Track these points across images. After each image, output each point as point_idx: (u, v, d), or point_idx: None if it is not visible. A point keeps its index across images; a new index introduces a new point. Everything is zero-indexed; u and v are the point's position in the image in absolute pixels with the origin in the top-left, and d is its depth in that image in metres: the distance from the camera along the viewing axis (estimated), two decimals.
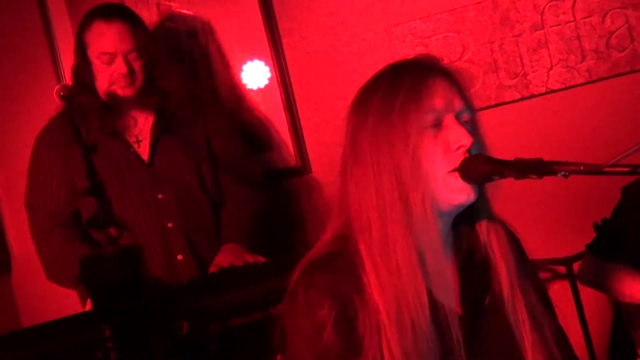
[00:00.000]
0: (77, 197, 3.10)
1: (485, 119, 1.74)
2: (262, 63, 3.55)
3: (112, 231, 2.58)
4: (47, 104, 3.32)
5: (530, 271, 1.76)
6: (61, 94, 2.75)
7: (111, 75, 3.04)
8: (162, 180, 3.11)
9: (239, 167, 3.24)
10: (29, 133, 3.30)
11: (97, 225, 2.58)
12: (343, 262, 1.63)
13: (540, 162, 1.58)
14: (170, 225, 3.09)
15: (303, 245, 3.44)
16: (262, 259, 2.87)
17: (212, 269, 2.91)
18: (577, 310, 3.08)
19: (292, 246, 3.52)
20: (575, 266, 3.09)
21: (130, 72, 3.04)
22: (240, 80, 3.58)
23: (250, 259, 2.86)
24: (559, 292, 3.10)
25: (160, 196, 3.10)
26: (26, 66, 3.77)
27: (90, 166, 2.74)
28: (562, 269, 3.13)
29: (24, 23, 3.77)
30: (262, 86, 3.56)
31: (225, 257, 2.92)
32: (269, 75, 3.55)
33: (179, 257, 3.08)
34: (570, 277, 3.08)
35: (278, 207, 3.57)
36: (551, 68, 3.27)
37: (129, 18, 3.09)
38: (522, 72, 3.30)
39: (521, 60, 3.29)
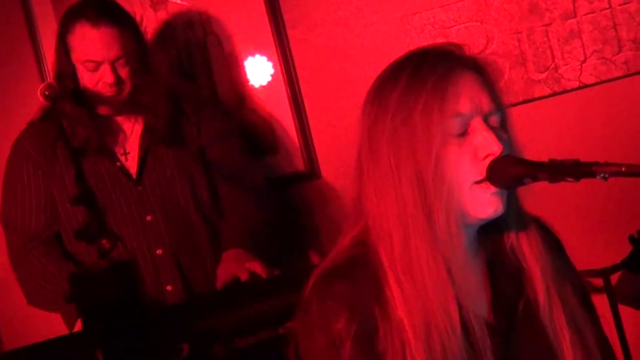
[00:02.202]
0: (57, 218, 3.08)
1: (512, 117, 1.73)
2: (264, 58, 3.56)
3: (105, 243, 2.57)
4: (31, 105, 3.33)
5: (570, 271, 1.76)
6: (46, 93, 2.76)
7: (96, 84, 3.01)
8: (152, 199, 3.07)
9: (239, 174, 3.20)
10: (10, 137, 3.31)
11: (87, 237, 2.58)
12: (363, 269, 1.63)
13: (577, 163, 1.57)
14: (159, 252, 3.05)
15: (315, 257, 3.47)
16: (264, 267, 2.85)
17: (219, 285, 2.86)
18: (616, 327, 3.07)
19: (302, 258, 3.52)
20: (614, 278, 3.10)
21: (118, 81, 3.01)
22: (241, 77, 3.59)
23: (256, 266, 2.83)
24: (596, 307, 3.09)
25: (149, 218, 3.06)
26: (7, 65, 3.78)
27: (79, 171, 2.73)
28: (598, 282, 3.13)
29: (5, 18, 3.78)
30: (264, 83, 3.56)
31: (227, 268, 2.88)
32: (272, 71, 3.55)
33: (168, 288, 3.05)
34: (608, 290, 3.08)
35: (285, 216, 3.56)
36: (585, 60, 3.27)
37: (117, 20, 3.03)
38: (553, 65, 3.30)
39: (551, 52, 3.29)
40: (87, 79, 3.02)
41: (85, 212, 2.78)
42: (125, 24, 3.06)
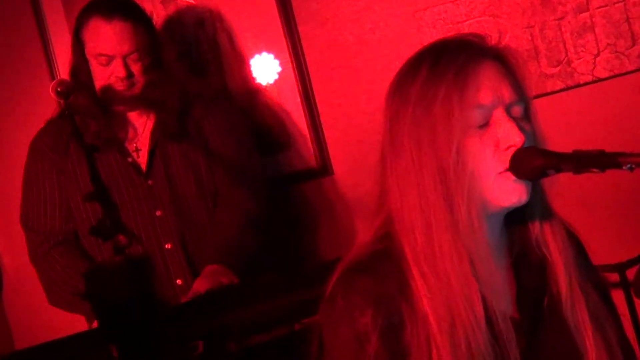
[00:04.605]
0: (74, 215, 3.09)
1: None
2: (271, 56, 3.53)
3: (121, 239, 2.56)
4: (42, 104, 3.32)
5: (592, 271, 1.74)
6: (58, 89, 2.73)
7: (108, 78, 3.02)
8: (162, 194, 3.07)
9: (238, 168, 3.19)
10: (20, 137, 3.30)
11: (103, 233, 2.56)
12: (388, 263, 1.61)
13: (602, 153, 1.56)
14: (168, 246, 3.06)
15: (328, 253, 3.44)
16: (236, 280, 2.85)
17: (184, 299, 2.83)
18: (632, 323, 3.05)
19: (315, 255, 3.51)
20: (630, 273, 3.07)
21: (129, 75, 3.01)
22: (252, 73, 3.57)
23: (226, 281, 2.84)
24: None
25: (158, 213, 3.07)
26: (18, 64, 3.78)
27: (93, 168, 2.72)
28: (614, 277, 3.10)
29: (15, 17, 3.77)
30: (271, 81, 3.54)
31: (203, 283, 2.87)
32: (279, 69, 3.53)
33: (179, 282, 3.05)
34: (624, 285, 3.05)
35: (297, 213, 3.55)
36: (598, 54, 3.24)
37: (131, 15, 3.04)
38: (566, 59, 3.27)
39: (564, 46, 3.26)
40: (100, 73, 3.02)
41: (99, 208, 2.76)
42: (138, 19, 3.06)
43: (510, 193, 1.60)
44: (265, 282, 2.65)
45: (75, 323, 3.12)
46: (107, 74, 3.01)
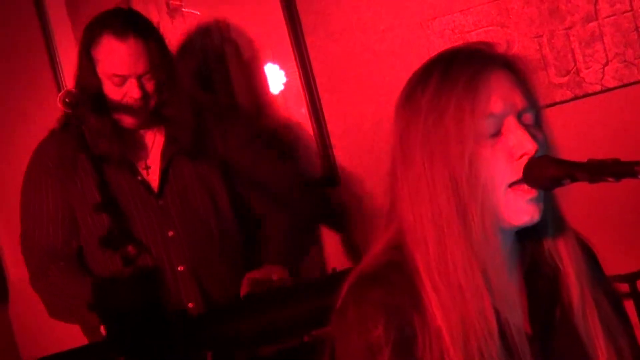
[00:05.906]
0: (78, 232, 3.06)
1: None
2: (276, 66, 3.53)
3: (131, 250, 2.54)
4: (46, 114, 3.31)
5: (604, 281, 1.74)
6: (66, 100, 2.71)
7: (122, 98, 2.96)
8: (173, 214, 3.04)
9: (273, 177, 3.20)
10: (25, 147, 3.28)
11: (113, 244, 2.55)
12: (399, 275, 1.60)
13: (617, 162, 1.55)
14: (180, 268, 3.02)
15: (334, 264, 3.44)
16: (287, 281, 2.87)
17: (245, 288, 2.89)
18: None
19: (322, 266, 3.50)
20: None
21: (144, 95, 2.95)
22: (259, 84, 3.56)
23: (276, 277, 2.86)
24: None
25: (170, 233, 3.03)
26: (24, 73, 3.77)
27: (101, 178, 2.71)
28: (624, 287, 3.09)
29: (21, 26, 3.77)
30: (277, 92, 3.54)
31: (255, 273, 2.93)
32: (284, 79, 3.53)
33: (190, 305, 3.02)
34: (635, 296, 3.04)
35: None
36: (607, 64, 3.24)
37: (143, 33, 2.97)
38: (574, 68, 3.27)
39: (573, 55, 3.26)
40: (113, 93, 2.96)
41: (108, 219, 2.74)
42: (150, 35, 2.99)
43: (522, 212, 1.60)
44: (273, 292, 2.65)
45: (81, 334, 3.11)
46: (121, 94, 2.95)
